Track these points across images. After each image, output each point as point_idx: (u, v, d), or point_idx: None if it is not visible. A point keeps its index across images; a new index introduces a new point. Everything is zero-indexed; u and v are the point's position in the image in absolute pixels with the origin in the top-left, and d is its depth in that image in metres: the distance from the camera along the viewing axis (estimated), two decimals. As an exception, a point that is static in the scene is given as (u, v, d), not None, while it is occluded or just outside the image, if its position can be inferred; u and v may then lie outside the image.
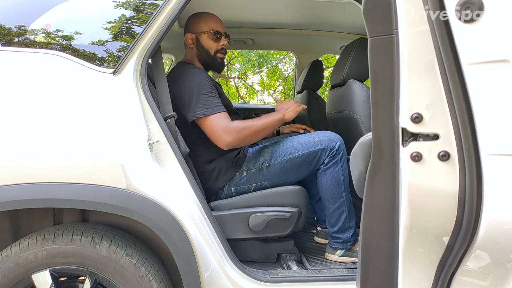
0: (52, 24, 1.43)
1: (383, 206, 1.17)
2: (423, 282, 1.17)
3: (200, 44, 1.86)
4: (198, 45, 1.86)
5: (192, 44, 1.87)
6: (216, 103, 1.66)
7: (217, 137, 1.63)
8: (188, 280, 1.35)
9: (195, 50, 1.88)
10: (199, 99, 1.64)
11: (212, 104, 1.64)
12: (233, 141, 1.62)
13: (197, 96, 1.64)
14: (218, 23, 1.89)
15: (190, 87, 1.67)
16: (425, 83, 1.06)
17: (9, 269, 1.27)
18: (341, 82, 2.07)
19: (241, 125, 1.64)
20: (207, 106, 1.63)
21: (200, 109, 1.63)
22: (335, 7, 2.29)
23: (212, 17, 1.89)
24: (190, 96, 1.65)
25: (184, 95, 1.67)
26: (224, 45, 1.90)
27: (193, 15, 1.92)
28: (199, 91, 1.65)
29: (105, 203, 1.27)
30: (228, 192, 1.74)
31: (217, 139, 1.63)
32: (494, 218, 1.04)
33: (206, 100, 1.64)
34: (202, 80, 1.69)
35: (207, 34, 1.85)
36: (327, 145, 1.71)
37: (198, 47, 1.87)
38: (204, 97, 1.64)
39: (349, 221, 1.77)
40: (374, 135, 1.15)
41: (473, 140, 1.02)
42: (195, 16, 1.90)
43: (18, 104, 1.30)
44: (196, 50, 1.88)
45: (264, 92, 7.91)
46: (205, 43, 1.86)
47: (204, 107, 1.63)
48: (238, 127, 1.63)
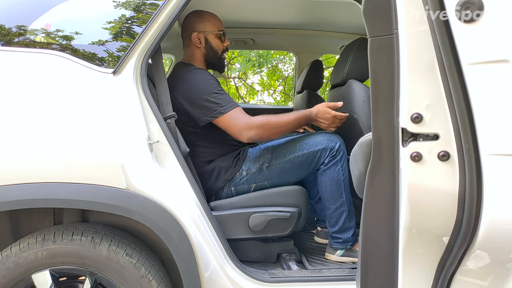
0: (52, 24, 1.43)
1: (383, 206, 1.17)
2: (423, 282, 1.17)
3: (209, 43, 1.86)
4: (207, 44, 1.86)
5: (199, 43, 1.86)
6: (229, 99, 1.67)
7: (239, 132, 1.64)
8: (188, 280, 1.35)
9: (203, 50, 1.87)
10: (211, 99, 1.64)
11: (226, 101, 1.65)
12: (255, 135, 1.63)
13: (208, 96, 1.64)
14: (221, 23, 1.90)
15: (199, 90, 1.66)
16: (425, 83, 1.06)
17: (9, 269, 1.27)
18: (341, 82, 2.07)
19: (263, 120, 1.65)
20: (222, 104, 1.64)
21: (216, 109, 1.64)
22: (335, 7, 2.29)
23: (216, 16, 1.90)
24: (201, 99, 1.65)
25: (194, 99, 1.66)
26: (228, 45, 1.92)
27: (195, 14, 1.89)
28: (210, 91, 1.65)
29: (105, 203, 1.27)
30: (228, 192, 1.74)
31: (239, 134, 1.64)
32: (494, 218, 1.04)
33: (219, 98, 1.65)
34: (208, 80, 1.70)
35: (215, 34, 1.86)
36: (327, 145, 1.71)
37: (207, 47, 1.86)
38: (216, 96, 1.65)
39: (349, 221, 1.77)
40: (374, 135, 1.15)
41: (473, 140, 1.02)
42: (199, 15, 1.88)
43: (18, 104, 1.30)
44: (205, 49, 1.87)
45: (264, 92, 7.92)
46: (214, 43, 1.86)
47: (219, 106, 1.64)
48: (260, 122, 1.64)
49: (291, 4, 2.32)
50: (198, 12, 1.90)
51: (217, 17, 1.90)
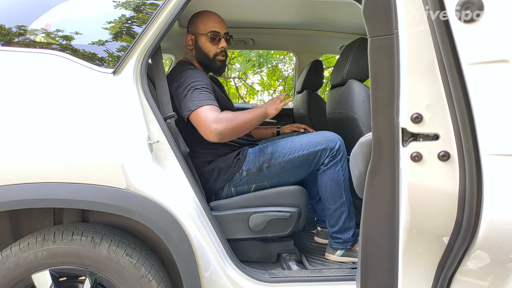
0: (52, 24, 1.43)
1: (383, 206, 1.17)
2: (423, 282, 1.17)
3: (198, 46, 1.83)
4: (196, 46, 1.83)
5: (191, 45, 1.84)
6: (208, 97, 1.63)
7: (207, 128, 1.55)
8: (188, 280, 1.35)
9: (194, 52, 1.85)
10: (192, 94, 1.62)
11: (203, 97, 1.62)
12: (224, 129, 1.56)
13: (191, 92, 1.63)
14: (218, 24, 1.84)
15: (186, 85, 1.65)
16: (425, 83, 1.06)
17: (9, 269, 1.27)
18: (341, 82, 2.07)
19: (230, 115, 1.61)
20: (199, 99, 1.61)
21: (193, 103, 1.60)
22: (335, 7, 2.29)
23: (212, 17, 1.85)
24: (184, 93, 1.64)
25: (180, 93, 1.65)
26: (224, 48, 1.85)
27: (194, 15, 1.88)
28: (193, 87, 1.64)
29: (105, 203, 1.27)
30: (228, 192, 1.74)
31: (207, 130, 1.56)
32: (494, 218, 1.04)
33: (199, 94, 1.62)
34: (197, 78, 1.68)
35: (205, 36, 1.81)
36: (327, 146, 1.71)
37: (197, 49, 1.84)
38: (197, 92, 1.63)
39: (349, 221, 1.77)
40: (374, 135, 1.15)
41: (473, 140, 1.02)
42: (195, 16, 1.87)
43: (18, 104, 1.30)
44: (195, 52, 1.85)
45: (264, 92, 7.92)
46: (203, 45, 1.82)
47: (196, 100, 1.60)
48: (228, 117, 1.59)
49: (291, 4, 2.32)
50: (196, 13, 1.88)
51: (215, 17, 1.85)
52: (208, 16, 1.85)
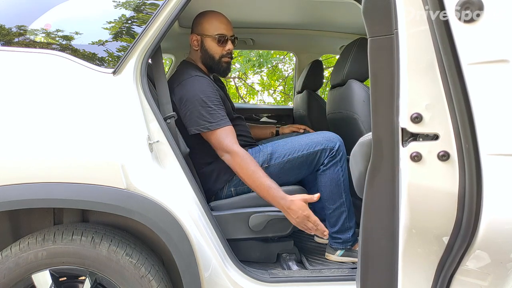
0: (52, 24, 1.43)
1: (383, 206, 1.17)
2: (423, 282, 1.17)
3: (204, 47, 1.81)
4: (202, 48, 1.81)
5: (196, 46, 1.82)
6: (221, 116, 1.63)
7: (220, 151, 1.63)
8: (188, 280, 1.35)
9: (199, 53, 1.83)
10: (202, 112, 1.61)
11: (216, 118, 1.62)
12: (230, 162, 1.59)
13: (201, 108, 1.62)
14: (225, 25, 1.82)
15: (194, 99, 1.63)
16: (425, 83, 1.06)
17: (9, 269, 1.27)
18: (341, 82, 2.07)
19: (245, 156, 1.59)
20: (211, 120, 1.61)
21: (204, 123, 1.62)
22: (335, 7, 2.29)
23: (219, 18, 1.82)
24: (193, 108, 1.62)
25: (187, 105, 1.63)
26: (230, 50, 1.83)
27: (199, 15, 1.85)
28: (203, 104, 1.62)
29: (105, 203, 1.27)
30: (228, 192, 1.73)
31: (220, 152, 1.63)
32: (494, 218, 1.04)
33: (210, 113, 1.62)
34: (206, 91, 1.65)
35: (211, 37, 1.79)
36: (326, 146, 1.71)
37: (203, 51, 1.82)
38: (208, 110, 1.62)
39: (349, 221, 1.77)
40: (374, 135, 1.15)
41: (473, 140, 1.02)
42: (201, 16, 1.84)
43: (18, 104, 1.30)
44: (201, 53, 1.83)
45: (264, 92, 7.92)
46: (210, 47, 1.80)
47: (208, 121, 1.61)
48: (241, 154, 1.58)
49: (291, 4, 2.32)
50: (202, 13, 1.85)
51: (222, 18, 1.83)
52: (216, 18, 1.83)
